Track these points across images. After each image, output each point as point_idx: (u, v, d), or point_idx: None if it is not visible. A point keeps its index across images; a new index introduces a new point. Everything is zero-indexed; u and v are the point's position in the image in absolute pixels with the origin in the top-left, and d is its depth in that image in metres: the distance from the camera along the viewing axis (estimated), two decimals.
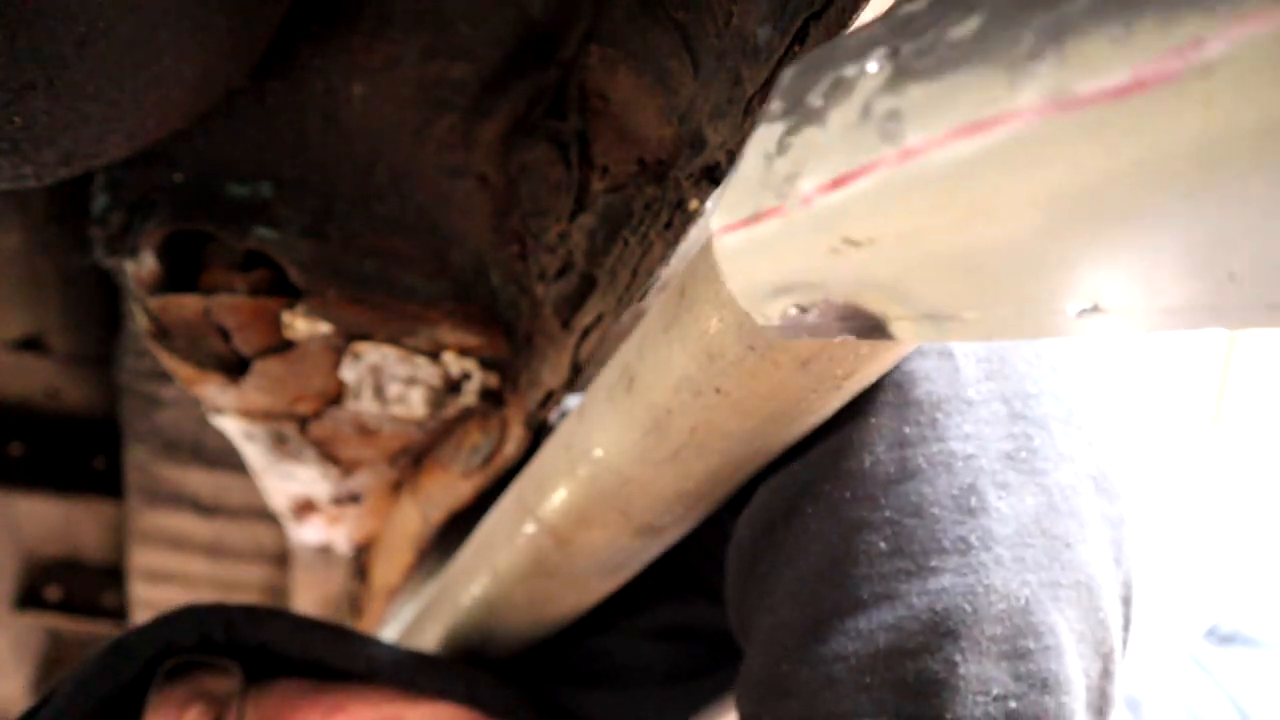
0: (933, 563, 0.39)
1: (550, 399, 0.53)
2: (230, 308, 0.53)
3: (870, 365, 0.36)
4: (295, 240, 0.52)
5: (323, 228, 0.53)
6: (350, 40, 0.48)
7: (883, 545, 0.40)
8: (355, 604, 1.06)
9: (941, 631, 0.38)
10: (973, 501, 0.39)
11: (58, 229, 0.65)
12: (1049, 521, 0.40)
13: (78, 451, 0.92)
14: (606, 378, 0.44)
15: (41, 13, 0.33)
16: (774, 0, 0.38)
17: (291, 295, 0.54)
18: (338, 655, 0.57)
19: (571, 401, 0.55)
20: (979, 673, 0.37)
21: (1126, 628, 0.43)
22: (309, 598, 1.01)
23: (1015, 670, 0.37)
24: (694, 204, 0.42)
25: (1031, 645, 0.38)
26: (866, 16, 0.35)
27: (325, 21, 0.48)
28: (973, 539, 0.39)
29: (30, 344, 0.77)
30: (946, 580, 0.39)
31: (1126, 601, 0.42)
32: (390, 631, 1.08)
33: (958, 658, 0.38)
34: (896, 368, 0.40)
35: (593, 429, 0.45)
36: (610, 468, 0.44)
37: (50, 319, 0.78)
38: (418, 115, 0.51)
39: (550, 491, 0.49)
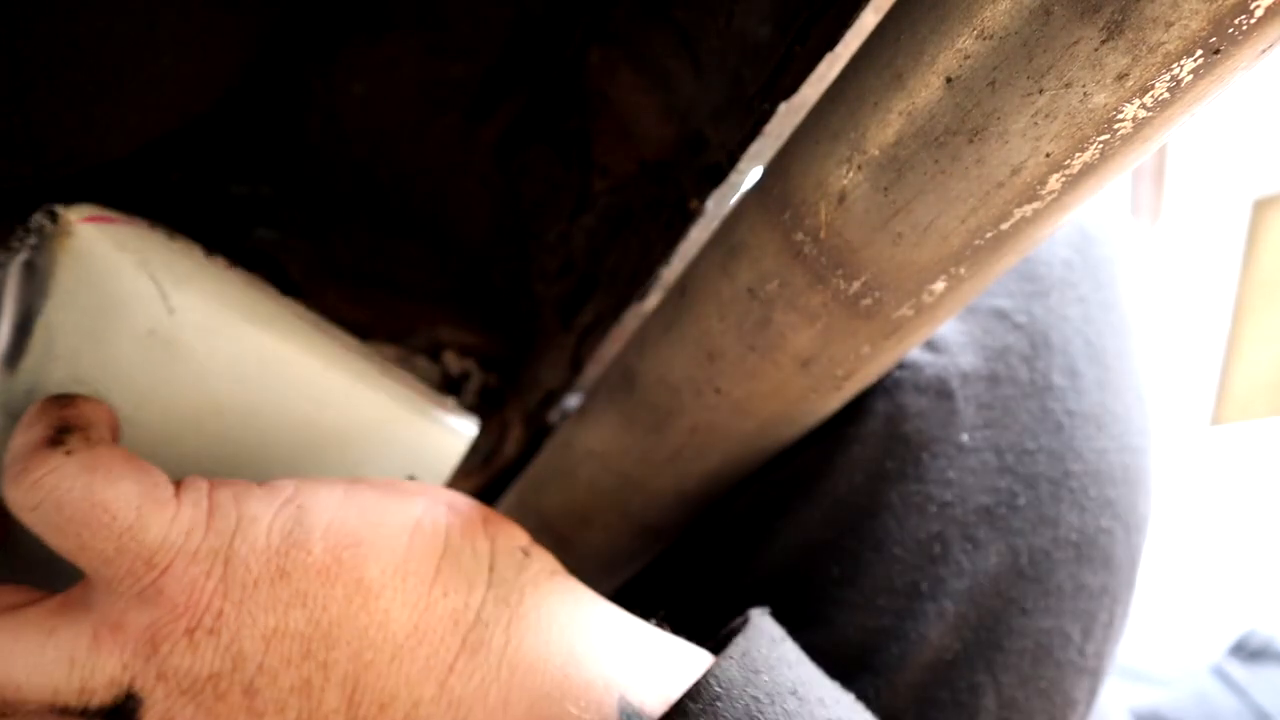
0: (879, 601, 0.39)
1: (550, 399, 0.53)
2: None
3: (870, 365, 0.36)
4: (295, 240, 0.52)
5: (322, 227, 0.53)
6: (350, 40, 0.48)
7: (836, 571, 0.40)
8: None
9: (863, 665, 0.38)
10: (936, 549, 0.39)
11: None
12: (1007, 583, 0.39)
13: None
14: (607, 378, 0.44)
15: (43, 12, 0.33)
16: (775, 0, 0.38)
17: (291, 294, 0.54)
18: None
19: (571, 401, 0.55)
20: (889, 711, 0.37)
21: (1090, 701, 0.42)
22: None
23: (922, 715, 0.37)
24: (694, 204, 0.42)
25: (945, 698, 0.39)
26: (867, 17, 0.35)
27: (325, 21, 0.48)
28: (923, 586, 0.39)
29: None
30: (886, 620, 0.39)
31: (1095, 674, 0.42)
32: None
33: (870, 694, 0.38)
34: (891, 399, 0.39)
35: (593, 429, 0.45)
36: (610, 468, 0.44)
37: None
38: (418, 115, 0.51)
39: (550, 492, 0.49)
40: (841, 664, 0.38)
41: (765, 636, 0.32)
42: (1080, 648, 0.40)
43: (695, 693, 0.29)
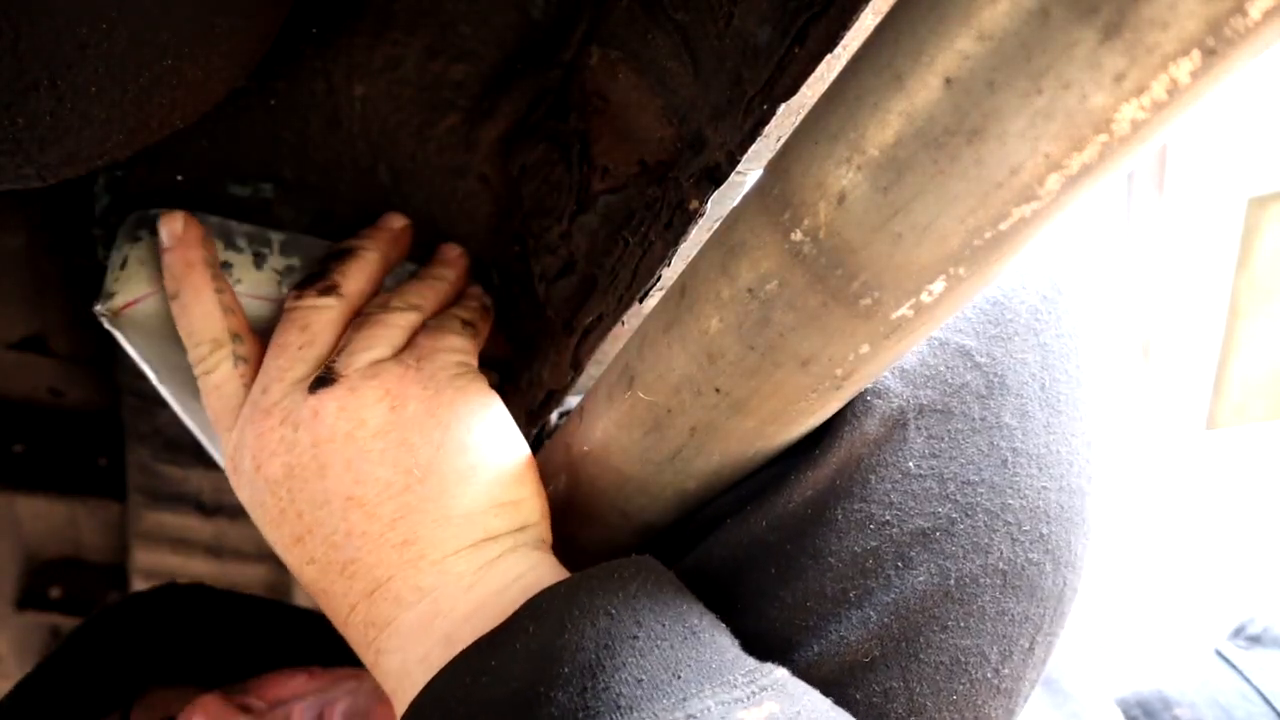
0: (809, 603, 0.42)
1: (550, 399, 0.53)
2: None
3: (869, 365, 0.36)
4: (298, 238, 0.52)
5: (323, 228, 0.53)
6: (351, 41, 0.48)
7: (773, 571, 0.42)
8: None
9: (783, 657, 0.41)
10: (869, 563, 0.42)
11: (60, 230, 0.65)
12: (933, 602, 0.42)
13: (80, 451, 0.93)
14: (607, 378, 0.44)
15: (45, 13, 0.33)
16: (774, 1, 0.38)
17: None
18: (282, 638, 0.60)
19: (571, 401, 0.55)
20: (808, 705, 0.38)
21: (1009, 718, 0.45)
22: (309, 597, 1.01)
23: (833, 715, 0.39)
24: (694, 204, 0.42)
25: (858, 698, 0.41)
26: (866, 18, 0.35)
27: (327, 22, 0.48)
28: (851, 594, 0.42)
29: (32, 344, 0.77)
30: (812, 621, 0.42)
31: (1010, 694, 0.44)
32: None
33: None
34: (859, 425, 0.41)
35: (593, 429, 0.45)
36: (610, 468, 0.44)
37: (52, 319, 0.78)
38: (419, 116, 0.51)
39: (551, 491, 0.49)
40: (763, 653, 0.40)
41: (607, 572, 0.39)
42: (996, 668, 0.43)
43: (524, 606, 0.38)
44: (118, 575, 1.06)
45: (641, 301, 0.46)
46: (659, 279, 0.45)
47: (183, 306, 0.48)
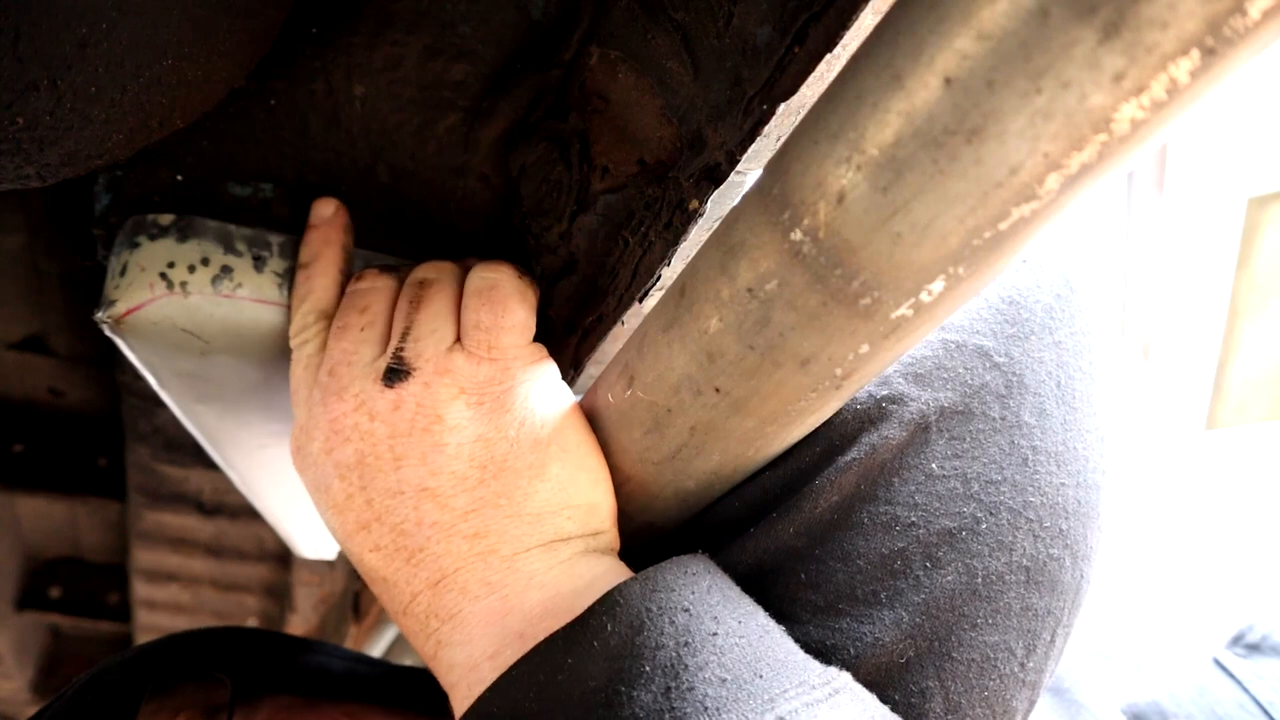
0: (841, 605, 0.42)
1: None
2: None
3: (869, 365, 0.36)
4: (296, 240, 0.52)
5: None
6: (351, 41, 0.48)
7: (803, 577, 0.43)
8: (356, 604, 1.06)
9: (822, 661, 0.41)
10: (898, 564, 0.42)
11: (60, 230, 0.65)
12: (962, 600, 0.42)
13: (80, 451, 0.93)
14: (607, 378, 0.44)
15: (45, 13, 0.33)
16: (774, 1, 0.38)
17: None
18: (324, 673, 0.58)
19: None
20: (873, 707, 0.39)
21: (1027, 711, 0.46)
22: (310, 597, 1.02)
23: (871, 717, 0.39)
24: (694, 204, 0.42)
25: (896, 699, 0.42)
26: (866, 18, 0.35)
27: (327, 22, 0.48)
28: (883, 596, 0.42)
29: (33, 344, 0.77)
30: (844, 623, 0.42)
31: (1033, 687, 0.45)
32: (391, 633, 1.08)
33: None
34: (877, 431, 0.42)
35: (593, 428, 0.45)
36: (610, 467, 0.44)
37: (52, 319, 0.78)
38: (419, 115, 0.51)
39: None
40: None
41: (679, 568, 0.39)
42: (1022, 662, 0.44)
43: (599, 602, 0.37)
44: (118, 575, 1.06)
45: (641, 301, 0.46)
46: (659, 279, 0.45)
47: (308, 275, 0.49)
